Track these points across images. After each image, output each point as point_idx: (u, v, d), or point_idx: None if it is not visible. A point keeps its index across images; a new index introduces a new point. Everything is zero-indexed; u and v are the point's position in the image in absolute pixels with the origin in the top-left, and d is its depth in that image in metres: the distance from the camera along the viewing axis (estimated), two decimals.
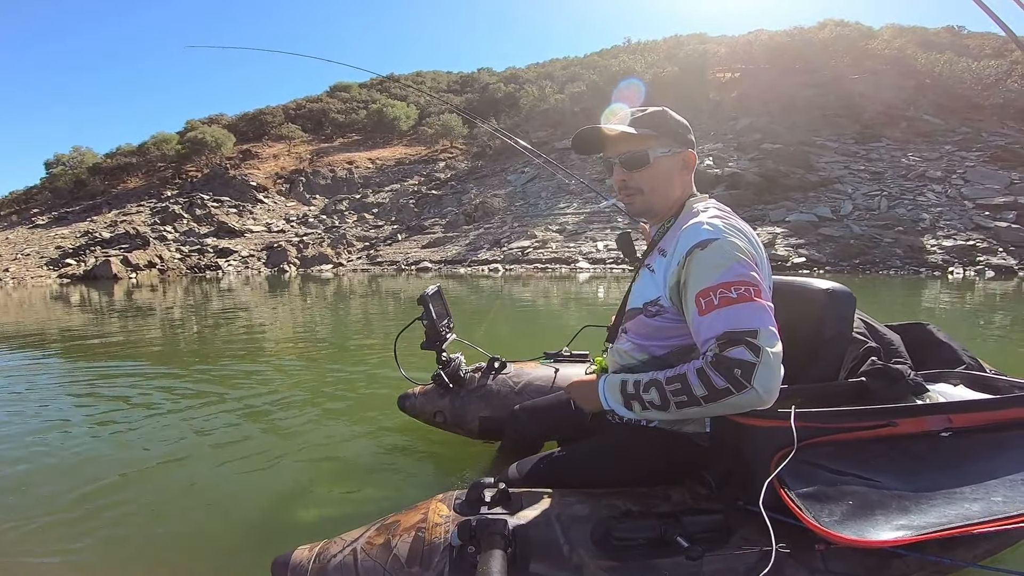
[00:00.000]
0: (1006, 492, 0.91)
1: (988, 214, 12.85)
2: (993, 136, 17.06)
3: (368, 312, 7.43)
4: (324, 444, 2.20)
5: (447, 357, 1.96)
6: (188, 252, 18.27)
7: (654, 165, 1.15)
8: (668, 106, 1.21)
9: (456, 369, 1.97)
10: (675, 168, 1.16)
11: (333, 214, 21.80)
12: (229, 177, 24.58)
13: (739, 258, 1.00)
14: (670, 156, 1.15)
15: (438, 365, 1.96)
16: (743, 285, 0.97)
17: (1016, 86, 18.83)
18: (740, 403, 0.95)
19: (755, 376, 0.93)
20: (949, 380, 1.23)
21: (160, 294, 10.73)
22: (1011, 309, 6.52)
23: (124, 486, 1.85)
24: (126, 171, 28.02)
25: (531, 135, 24.11)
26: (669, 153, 1.15)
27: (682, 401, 0.98)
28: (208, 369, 3.70)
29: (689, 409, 0.99)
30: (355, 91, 36.07)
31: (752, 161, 16.31)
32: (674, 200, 1.18)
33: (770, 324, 0.97)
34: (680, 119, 1.19)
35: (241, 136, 30.77)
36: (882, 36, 23.75)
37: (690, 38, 29.53)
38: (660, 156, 1.15)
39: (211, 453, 2.15)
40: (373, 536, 1.04)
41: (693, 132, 1.22)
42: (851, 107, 19.53)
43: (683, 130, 1.18)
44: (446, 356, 1.96)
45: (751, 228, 1.10)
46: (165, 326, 6.30)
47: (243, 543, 1.46)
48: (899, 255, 11.91)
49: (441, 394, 1.97)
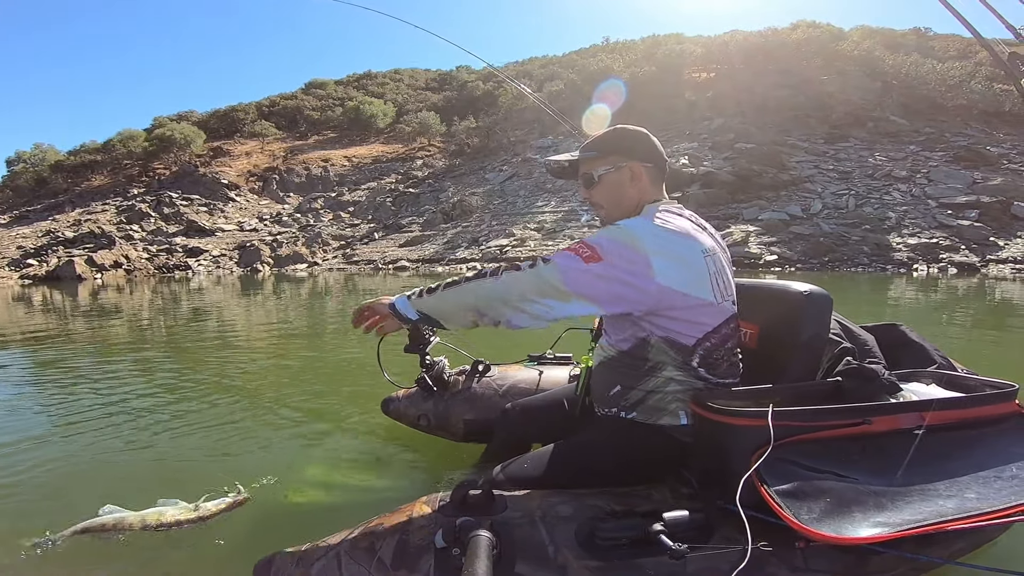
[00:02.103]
0: (979, 489, 0.93)
1: (951, 213, 13.32)
2: (956, 137, 17.69)
3: (347, 312, 7.32)
4: (306, 447, 2.16)
5: (431, 360, 1.94)
6: (156, 252, 17.77)
7: (601, 183, 1.27)
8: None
9: (440, 372, 1.95)
10: (624, 181, 1.26)
11: (308, 213, 21.46)
12: (199, 175, 24.01)
13: (618, 238, 1.09)
14: (615, 172, 1.26)
15: (422, 368, 1.94)
16: (594, 250, 1.08)
17: (979, 87, 19.53)
18: (521, 276, 1.09)
19: (543, 273, 1.08)
20: (922, 379, 1.25)
21: (127, 295, 10.40)
22: (972, 306, 6.76)
23: (100, 490, 1.79)
24: (90, 169, 27.16)
25: (510, 134, 24.12)
26: (613, 169, 1.26)
27: (477, 280, 1.12)
28: (183, 372, 3.58)
29: (478, 282, 1.12)
30: (331, 88, 35.60)
31: (726, 160, 16.60)
32: (630, 208, 1.26)
33: (580, 288, 1.07)
34: (630, 133, 1.28)
35: (212, 133, 30.07)
36: (851, 37, 24.42)
37: (667, 38, 29.93)
38: (604, 173, 1.26)
39: (191, 456, 2.10)
40: (357, 539, 1.02)
41: (668, 131, 1.32)
42: (821, 107, 20.04)
43: (631, 143, 1.27)
44: (429, 359, 1.93)
45: (693, 241, 1.14)
46: (134, 327, 6.09)
47: (224, 547, 1.43)
48: (866, 252, 12.27)
49: (425, 397, 1.95)
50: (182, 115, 33.70)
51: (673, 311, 1.12)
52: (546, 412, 1.55)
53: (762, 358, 1.29)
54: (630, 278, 1.07)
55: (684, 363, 1.16)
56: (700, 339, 1.15)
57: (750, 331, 1.35)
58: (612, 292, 1.08)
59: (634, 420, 1.22)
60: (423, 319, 1.19)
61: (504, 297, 1.10)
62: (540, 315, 1.10)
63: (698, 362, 1.16)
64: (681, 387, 1.17)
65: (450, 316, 1.17)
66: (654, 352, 1.17)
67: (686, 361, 1.16)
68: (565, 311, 1.09)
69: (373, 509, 1.36)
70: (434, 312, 1.18)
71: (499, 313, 1.12)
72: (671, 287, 1.09)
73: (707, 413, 1.05)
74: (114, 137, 28.42)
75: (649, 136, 1.29)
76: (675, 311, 1.12)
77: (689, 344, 1.15)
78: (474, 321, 1.15)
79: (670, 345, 1.16)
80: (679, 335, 1.15)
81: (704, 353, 1.16)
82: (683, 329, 1.14)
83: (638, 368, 1.20)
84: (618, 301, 1.10)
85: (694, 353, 1.15)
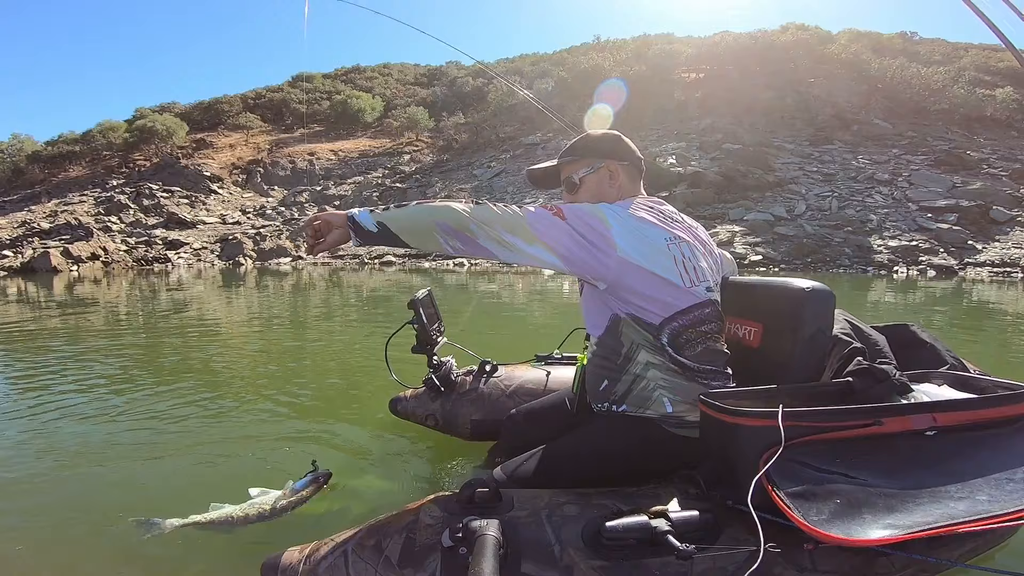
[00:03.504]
0: (990, 491, 0.92)
1: (931, 216, 13.57)
2: (938, 141, 18.02)
3: (344, 310, 7.22)
4: (313, 445, 2.15)
5: (438, 360, 1.96)
6: (135, 244, 17.34)
7: (583, 185, 1.34)
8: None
9: (447, 372, 1.97)
10: (603, 181, 1.33)
11: (292, 206, 21.16)
12: (181, 167, 23.54)
13: (585, 209, 1.16)
14: (594, 173, 1.33)
15: (429, 368, 1.95)
16: (560, 211, 1.13)
17: (962, 92, 19.89)
18: (493, 210, 1.11)
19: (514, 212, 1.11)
20: (933, 380, 1.24)
21: (104, 287, 10.14)
22: (950, 307, 6.89)
23: (108, 490, 1.82)
24: (68, 160, 26.44)
25: (499, 130, 24.03)
26: (592, 171, 1.33)
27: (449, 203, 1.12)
28: (181, 372, 3.50)
29: (451, 205, 1.12)
30: (318, 81, 35.09)
31: (713, 161, 16.72)
32: None
33: (543, 235, 1.10)
34: (602, 135, 1.36)
35: (195, 125, 29.45)
36: (839, 40, 24.72)
37: (658, 38, 30.01)
38: (584, 175, 1.34)
39: (198, 456, 2.09)
40: (364, 537, 1.03)
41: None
42: (807, 110, 20.28)
43: (603, 144, 1.34)
44: (437, 359, 1.96)
45: (657, 228, 1.20)
46: (118, 322, 5.93)
47: (232, 545, 1.44)
48: (848, 254, 12.45)
49: (432, 397, 1.97)
50: (164, 106, 32.96)
51: (636, 286, 1.16)
52: (549, 414, 1.56)
53: (766, 356, 1.28)
54: (590, 246, 1.12)
55: (655, 344, 1.19)
56: (667, 318, 1.18)
57: (753, 330, 1.33)
58: (572, 251, 1.11)
59: (625, 413, 1.24)
60: (382, 232, 1.13)
61: (478, 219, 1.10)
62: (504, 247, 1.11)
63: (667, 340, 1.18)
64: (661, 373, 1.20)
65: (412, 231, 1.13)
66: (625, 332, 1.22)
67: (656, 339, 1.19)
68: (527, 253, 1.10)
69: (380, 508, 1.40)
70: (395, 225, 1.13)
71: (467, 233, 1.10)
72: (631, 261, 1.13)
73: (716, 413, 1.03)
74: (94, 128, 27.69)
75: (621, 137, 1.37)
76: (638, 286, 1.16)
77: (655, 322, 1.18)
78: (437, 241, 1.12)
79: (637, 322, 1.20)
80: (645, 312, 1.18)
81: (672, 332, 1.18)
82: (647, 306, 1.18)
83: (617, 355, 1.24)
84: (579, 263, 1.13)
85: (662, 331, 1.18)
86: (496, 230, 1.10)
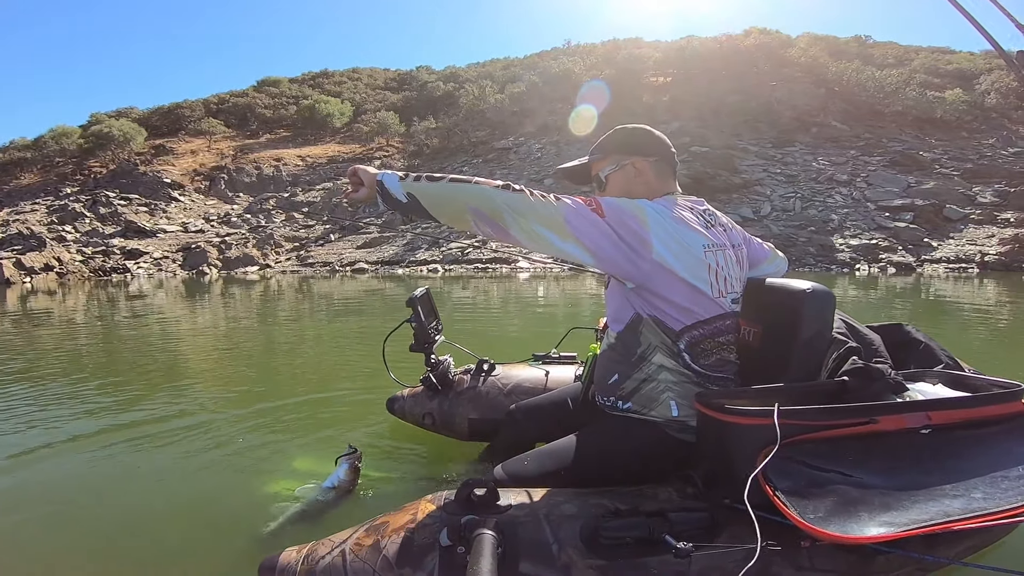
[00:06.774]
0: (986, 489, 0.92)
1: (888, 215, 14.12)
2: (892, 142, 18.78)
3: (329, 313, 7.03)
4: (311, 445, 2.14)
5: (436, 359, 1.95)
6: (91, 254, 16.62)
7: (609, 182, 1.33)
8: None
9: (445, 371, 1.96)
10: (630, 177, 1.30)
11: (259, 213, 20.66)
12: (139, 173, 22.72)
13: (626, 207, 1.12)
14: (619, 170, 1.31)
15: (427, 367, 1.94)
16: (600, 207, 1.10)
17: (913, 94, 20.79)
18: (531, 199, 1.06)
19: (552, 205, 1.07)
20: (928, 379, 1.24)
21: (60, 299, 9.67)
22: (910, 302, 7.15)
23: (106, 494, 1.81)
24: (19, 167, 25.26)
25: (470, 135, 23.98)
26: (618, 168, 1.31)
27: (485, 183, 1.07)
28: (179, 379, 3.40)
29: (486, 185, 1.07)
30: (285, 86, 34.43)
31: (682, 163, 16.96)
32: None
33: (578, 231, 1.07)
34: (628, 130, 1.33)
35: (154, 131, 28.51)
36: (799, 44, 25.63)
37: (627, 42, 30.53)
38: (610, 173, 1.32)
39: (195, 457, 2.08)
40: (362, 537, 1.03)
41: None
42: (770, 112, 20.88)
43: (629, 139, 1.32)
44: (435, 358, 1.95)
45: (697, 234, 1.17)
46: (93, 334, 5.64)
47: (230, 546, 1.44)
48: (812, 253, 12.84)
49: (430, 396, 1.96)
50: (121, 111, 31.80)
51: (663, 291, 1.14)
52: (550, 411, 1.55)
53: (765, 357, 1.28)
54: (626, 248, 1.09)
55: (672, 348, 1.18)
56: (688, 326, 1.16)
57: (753, 330, 1.33)
58: (606, 250, 1.08)
59: (629, 412, 1.23)
60: (411, 204, 1.08)
61: (513, 207, 1.06)
62: (535, 239, 1.07)
63: (684, 347, 1.17)
64: (672, 377, 1.18)
65: (445, 210, 1.08)
66: (645, 333, 1.20)
67: (674, 344, 1.17)
68: (557, 247, 1.07)
69: (378, 507, 1.39)
70: (427, 200, 1.07)
71: (500, 222, 1.06)
72: (665, 265, 1.11)
73: (713, 412, 1.02)
74: (46, 133, 26.54)
75: (650, 131, 1.33)
76: (665, 291, 1.14)
77: (676, 328, 1.17)
78: (468, 223, 1.08)
79: (658, 325, 1.18)
80: (668, 317, 1.17)
81: (691, 340, 1.17)
82: (671, 311, 1.16)
83: (633, 353, 1.22)
84: (611, 263, 1.10)
85: (681, 338, 1.17)
86: (530, 222, 1.06)
